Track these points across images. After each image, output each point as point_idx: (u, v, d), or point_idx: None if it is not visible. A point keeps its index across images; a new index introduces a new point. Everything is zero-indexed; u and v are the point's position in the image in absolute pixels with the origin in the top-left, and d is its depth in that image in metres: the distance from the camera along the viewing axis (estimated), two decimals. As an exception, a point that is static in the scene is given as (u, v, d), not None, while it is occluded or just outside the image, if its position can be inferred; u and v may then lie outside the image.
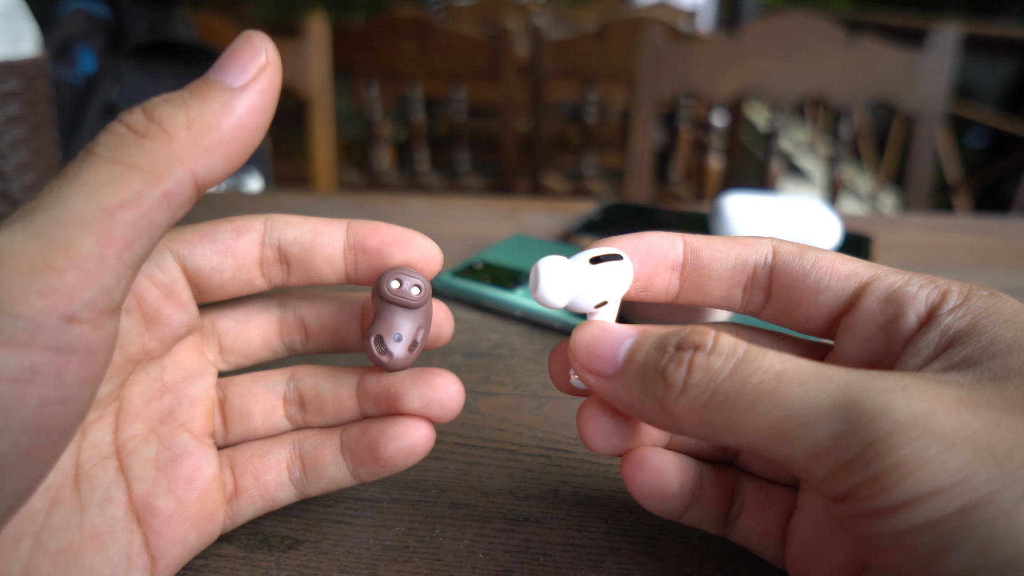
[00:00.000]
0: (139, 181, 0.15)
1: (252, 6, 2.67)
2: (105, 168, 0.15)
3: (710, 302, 0.20)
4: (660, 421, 0.17)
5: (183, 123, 0.16)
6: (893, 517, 0.13)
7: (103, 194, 0.15)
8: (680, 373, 0.16)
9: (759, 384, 0.15)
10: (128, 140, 0.16)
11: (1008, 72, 2.45)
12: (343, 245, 0.21)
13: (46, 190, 0.15)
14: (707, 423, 0.16)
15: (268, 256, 0.21)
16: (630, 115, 1.08)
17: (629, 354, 0.17)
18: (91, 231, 0.14)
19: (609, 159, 1.80)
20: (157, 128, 0.16)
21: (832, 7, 4.10)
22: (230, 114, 0.17)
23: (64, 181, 0.15)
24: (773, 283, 0.19)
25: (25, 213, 0.15)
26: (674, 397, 0.16)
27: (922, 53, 0.95)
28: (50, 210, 0.14)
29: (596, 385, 0.18)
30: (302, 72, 1.12)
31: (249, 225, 0.20)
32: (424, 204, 0.59)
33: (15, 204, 0.50)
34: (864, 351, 0.18)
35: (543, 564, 0.22)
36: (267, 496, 0.21)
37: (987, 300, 0.17)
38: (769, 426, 0.15)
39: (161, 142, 0.16)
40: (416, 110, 1.30)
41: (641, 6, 2.05)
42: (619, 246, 0.20)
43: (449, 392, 0.21)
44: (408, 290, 0.20)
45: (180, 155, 0.16)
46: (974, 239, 0.54)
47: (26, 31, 0.50)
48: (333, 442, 0.21)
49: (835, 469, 0.14)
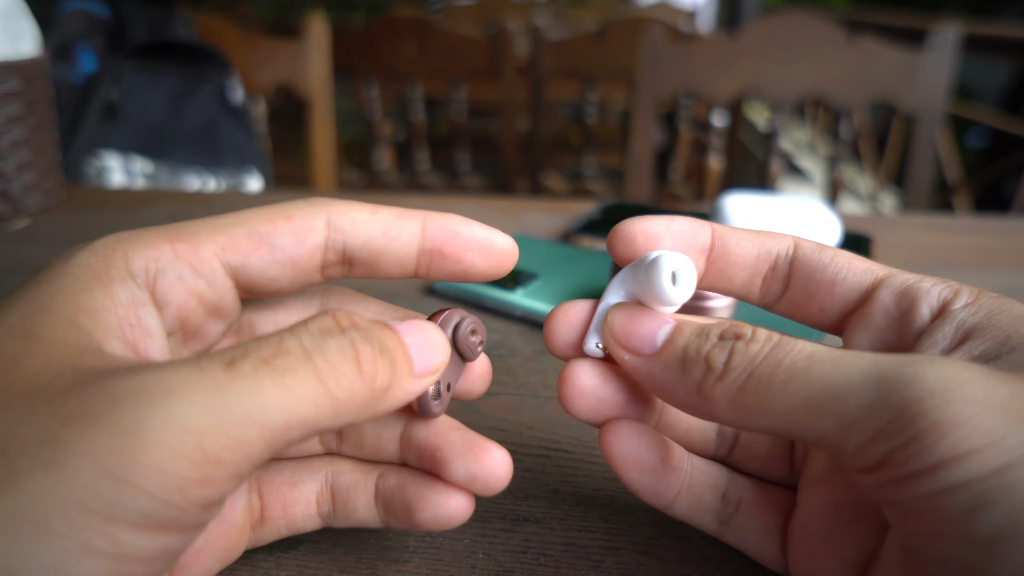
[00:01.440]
0: (327, 412, 0.15)
1: (252, 6, 2.68)
2: (312, 384, 0.14)
3: (731, 289, 0.21)
4: (693, 404, 0.17)
5: (385, 385, 0.16)
6: (928, 478, 0.14)
7: (296, 409, 0.14)
8: (722, 357, 0.17)
9: (792, 364, 0.16)
10: (346, 370, 0.15)
11: (1008, 72, 2.45)
12: (417, 248, 0.19)
13: (258, 351, 0.14)
14: (741, 405, 0.16)
15: (330, 259, 0.19)
16: (630, 115, 1.08)
17: (670, 337, 0.18)
18: (265, 438, 0.14)
19: (609, 159, 1.80)
20: (373, 376, 0.15)
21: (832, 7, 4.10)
22: (403, 397, 0.17)
23: (268, 363, 0.14)
24: (793, 274, 0.20)
25: (222, 368, 0.14)
26: (712, 380, 0.17)
27: (922, 53, 0.95)
28: (244, 394, 0.14)
29: (630, 362, 0.19)
30: (302, 72, 1.12)
31: (311, 227, 0.18)
32: (424, 204, 0.59)
33: (15, 204, 0.50)
34: (877, 343, 0.19)
35: (543, 564, 0.22)
36: (292, 525, 0.21)
37: (997, 300, 0.18)
38: (803, 402, 0.15)
39: (365, 389, 0.15)
40: (416, 110, 1.30)
41: (641, 6, 2.05)
42: (654, 224, 0.20)
43: (497, 472, 0.19)
44: (477, 344, 0.20)
45: (362, 406, 0.15)
46: (974, 239, 0.54)
47: (26, 31, 0.50)
48: (368, 486, 0.20)
49: (869, 437, 0.14)
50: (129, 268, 0.16)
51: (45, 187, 0.53)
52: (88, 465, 0.12)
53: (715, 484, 0.21)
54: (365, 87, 1.27)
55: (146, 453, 0.12)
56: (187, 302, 0.17)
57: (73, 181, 0.85)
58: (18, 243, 0.48)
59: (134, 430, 0.12)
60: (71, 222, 0.52)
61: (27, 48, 0.50)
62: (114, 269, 0.16)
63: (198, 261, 0.17)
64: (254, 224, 0.18)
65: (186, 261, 0.17)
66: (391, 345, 0.16)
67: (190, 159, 0.96)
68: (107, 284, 0.16)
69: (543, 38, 1.24)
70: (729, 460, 0.22)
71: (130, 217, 0.54)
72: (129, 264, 0.16)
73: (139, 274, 0.16)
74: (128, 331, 0.16)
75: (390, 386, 0.16)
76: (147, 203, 0.58)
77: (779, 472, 0.22)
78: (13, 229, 0.50)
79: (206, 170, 0.97)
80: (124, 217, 0.54)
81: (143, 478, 0.12)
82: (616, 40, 1.23)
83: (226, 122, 1.01)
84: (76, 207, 0.55)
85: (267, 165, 1.07)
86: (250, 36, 1.13)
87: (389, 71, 1.25)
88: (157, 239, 0.17)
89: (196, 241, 0.17)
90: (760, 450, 0.22)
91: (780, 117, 1.06)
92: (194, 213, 0.55)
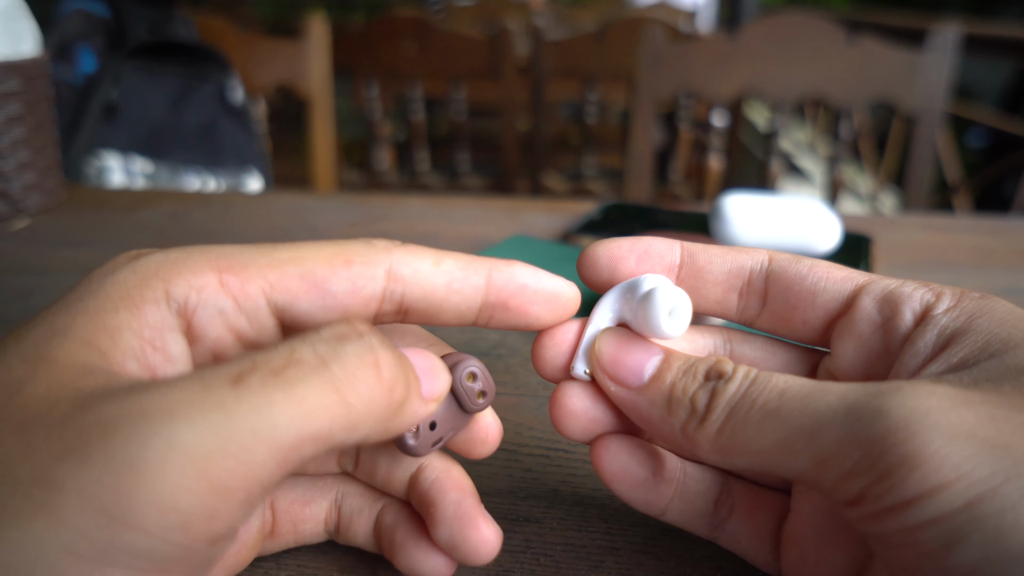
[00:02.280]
0: (341, 423, 0.14)
1: (252, 6, 2.68)
2: (327, 394, 0.13)
3: (706, 307, 0.20)
4: (676, 442, 0.17)
5: (401, 399, 0.15)
6: (902, 514, 0.13)
7: (309, 423, 0.13)
8: (705, 399, 0.17)
9: (765, 404, 0.16)
10: (365, 377, 0.14)
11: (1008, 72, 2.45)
12: (481, 302, 0.18)
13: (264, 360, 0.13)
14: (721, 447, 0.16)
15: (386, 309, 0.17)
16: (630, 115, 1.08)
17: (657, 372, 0.18)
18: (276, 457, 0.13)
19: (609, 159, 1.80)
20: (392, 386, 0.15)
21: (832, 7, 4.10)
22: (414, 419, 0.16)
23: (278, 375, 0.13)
24: (769, 288, 0.20)
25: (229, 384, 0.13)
26: (695, 424, 0.17)
27: (922, 53, 0.95)
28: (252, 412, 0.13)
29: (616, 393, 0.19)
30: (302, 72, 1.12)
31: (370, 276, 0.17)
32: (424, 204, 0.59)
33: (15, 204, 0.50)
34: (862, 350, 0.19)
35: (543, 564, 0.22)
36: (300, 539, 0.21)
37: (979, 301, 0.17)
38: (777, 443, 0.15)
39: (384, 399, 0.15)
40: (416, 110, 1.30)
41: (641, 6, 2.05)
42: (617, 246, 0.20)
43: (479, 551, 0.19)
44: (474, 394, 0.19)
45: (378, 419, 0.15)
46: (974, 239, 0.54)
47: (26, 31, 0.50)
48: (371, 515, 0.21)
49: (843, 473, 0.14)
50: (168, 292, 0.16)
51: (45, 187, 0.53)
52: (80, 506, 0.11)
53: (708, 490, 0.21)
54: (365, 87, 1.27)
55: (144, 488, 0.11)
56: (224, 337, 0.16)
57: (73, 181, 0.85)
58: (18, 243, 0.48)
59: (129, 463, 0.12)
60: (71, 222, 0.52)
61: (27, 48, 0.50)
62: (150, 291, 0.15)
63: (244, 296, 0.16)
64: (311, 265, 0.16)
65: (231, 295, 0.16)
66: (404, 361, 0.16)
67: (190, 159, 0.96)
68: (138, 304, 0.15)
69: (543, 38, 1.24)
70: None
71: (130, 217, 0.54)
72: (169, 289, 0.16)
73: (179, 301, 0.16)
74: (150, 354, 0.15)
75: (405, 402, 0.15)
76: (147, 203, 0.58)
77: (775, 477, 0.21)
78: (13, 229, 0.50)
79: (206, 170, 0.97)
80: (124, 217, 0.54)
81: (140, 516, 0.11)
82: (616, 40, 1.23)
83: (226, 122, 1.01)
84: (76, 207, 0.55)
85: (267, 165, 1.07)
86: (250, 36, 1.13)
87: (389, 71, 1.26)
88: (206, 266, 0.16)
89: (246, 274, 0.16)
90: None
91: (780, 117, 1.06)
92: (194, 213, 0.55)
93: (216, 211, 0.56)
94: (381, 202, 0.60)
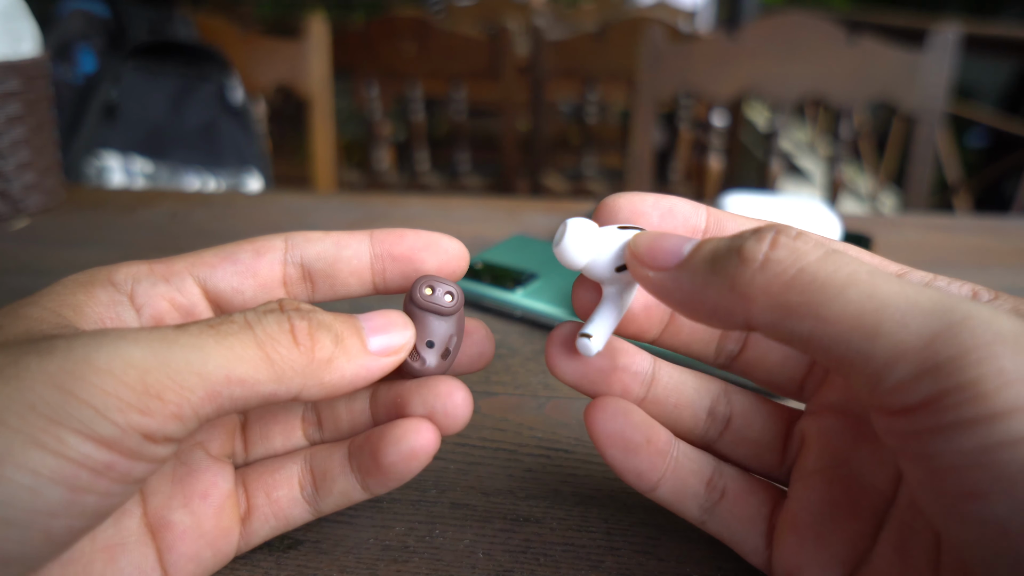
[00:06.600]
0: (266, 375, 0.16)
1: (252, 6, 2.67)
2: (251, 347, 0.16)
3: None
4: (725, 306, 0.16)
5: (326, 357, 0.18)
6: (980, 429, 0.12)
7: (235, 366, 0.16)
8: (761, 247, 0.15)
9: (852, 273, 0.14)
10: (282, 339, 0.17)
11: (1008, 72, 2.45)
12: (369, 255, 0.21)
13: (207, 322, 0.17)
14: (785, 302, 0.15)
15: (291, 274, 0.21)
16: (630, 115, 1.08)
17: (697, 246, 0.17)
18: (206, 387, 0.16)
19: (609, 159, 1.80)
20: (309, 347, 0.17)
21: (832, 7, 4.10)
22: (356, 371, 0.18)
23: (213, 327, 0.16)
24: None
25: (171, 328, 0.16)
26: (750, 272, 0.15)
27: (922, 53, 0.95)
28: (188, 347, 0.16)
29: (655, 278, 0.17)
30: (302, 72, 1.12)
31: (270, 245, 0.21)
32: (424, 204, 0.59)
33: (15, 204, 0.50)
34: None
35: (543, 564, 0.22)
36: (280, 514, 0.21)
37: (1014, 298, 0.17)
38: (858, 314, 0.14)
39: (302, 358, 0.17)
40: (416, 110, 1.30)
41: (641, 6, 2.05)
42: (640, 200, 0.19)
43: (454, 400, 0.20)
44: (441, 297, 0.20)
45: (305, 374, 0.17)
46: (974, 239, 0.54)
47: (26, 31, 0.50)
48: (341, 452, 0.21)
49: (919, 371, 0.13)
50: (111, 279, 0.19)
51: (45, 187, 0.53)
52: (41, 379, 0.14)
53: (700, 470, 0.20)
54: (365, 87, 1.27)
55: (92, 374, 0.14)
56: (160, 304, 0.20)
57: (73, 181, 0.85)
58: (18, 243, 0.48)
59: (85, 357, 0.15)
60: (71, 222, 0.52)
61: (27, 48, 0.50)
62: (97, 279, 0.19)
63: (170, 273, 0.20)
64: (221, 248, 0.21)
65: (159, 275, 0.20)
66: (337, 326, 0.18)
67: (190, 159, 0.96)
68: (89, 289, 0.19)
69: (543, 38, 1.24)
70: (719, 444, 0.22)
71: (130, 217, 0.54)
72: (111, 276, 0.19)
73: (119, 283, 0.19)
74: (109, 324, 0.19)
75: (332, 358, 0.18)
76: (147, 203, 0.58)
77: (769, 460, 0.21)
78: (13, 229, 0.50)
79: (206, 170, 0.97)
80: (124, 217, 0.54)
81: (87, 392, 0.14)
82: (616, 40, 1.23)
83: (226, 122, 1.01)
84: (76, 207, 0.55)
85: (267, 165, 1.07)
86: (250, 36, 1.13)
87: (389, 71, 1.25)
88: (138, 263, 0.20)
89: (169, 261, 0.20)
90: (752, 434, 0.21)
91: (780, 117, 1.06)
92: (194, 213, 0.55)
93: (216, 211, 0.56)
94: (381, 202, 0.60)
